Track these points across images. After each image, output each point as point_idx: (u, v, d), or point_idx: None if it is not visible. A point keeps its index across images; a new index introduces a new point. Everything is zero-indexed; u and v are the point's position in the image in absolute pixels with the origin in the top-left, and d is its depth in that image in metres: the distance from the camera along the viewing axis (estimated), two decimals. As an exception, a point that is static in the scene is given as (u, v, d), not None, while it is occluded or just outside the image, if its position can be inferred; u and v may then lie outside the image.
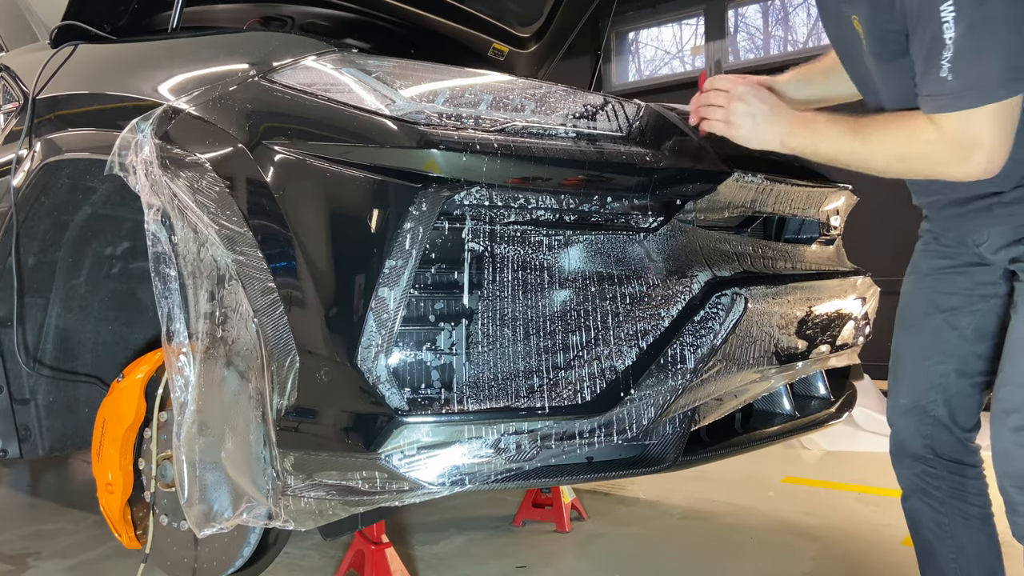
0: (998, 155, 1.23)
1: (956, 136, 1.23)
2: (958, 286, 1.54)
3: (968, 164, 1.24)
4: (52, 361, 2.30)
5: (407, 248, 1.41)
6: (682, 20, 6.93)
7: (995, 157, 1.23)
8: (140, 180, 1.68)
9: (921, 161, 1.29)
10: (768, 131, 1.44)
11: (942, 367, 1.57)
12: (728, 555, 2.48)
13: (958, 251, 1.54)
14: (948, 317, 1.55)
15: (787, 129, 1.42)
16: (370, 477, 1.45)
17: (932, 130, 1.25)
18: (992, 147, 1.22)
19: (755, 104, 1.45)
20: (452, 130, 1.47)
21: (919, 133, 1.27)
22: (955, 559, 1.58)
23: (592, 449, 1.52)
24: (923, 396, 1.59)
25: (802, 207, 2.03)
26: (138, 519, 2.08)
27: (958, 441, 1.58)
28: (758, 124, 1.44)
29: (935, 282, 1.58)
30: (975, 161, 1.23)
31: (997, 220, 1.41)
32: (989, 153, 1.22)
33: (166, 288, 1.70)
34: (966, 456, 1.59)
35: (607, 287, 1.53)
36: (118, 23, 2.17)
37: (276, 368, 1.50)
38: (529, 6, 3.35)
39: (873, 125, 1.34)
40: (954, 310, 1.54)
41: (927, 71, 1.22)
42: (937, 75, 1.20)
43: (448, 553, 2.51)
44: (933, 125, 1.25)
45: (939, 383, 1.57)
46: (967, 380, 1.56)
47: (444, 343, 1.45)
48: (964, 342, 1.54)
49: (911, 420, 1.61)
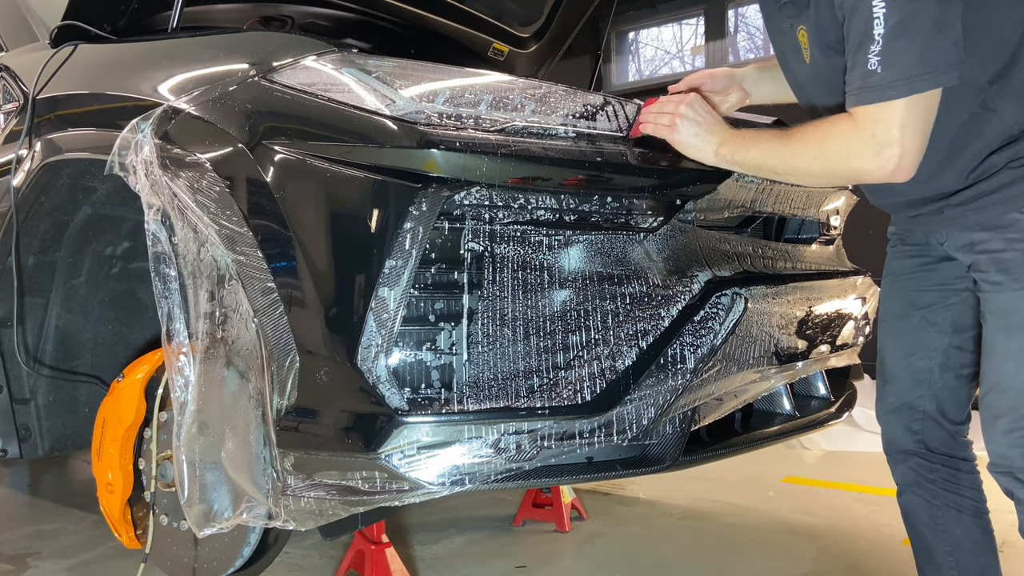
0: (911, 153, 1.26)
1: (870, 129, 1.26)
2: (931, 283, 1.58)
3: (880, 159, 1.26)
4: (52, 361, 2.30)
5: (407, 248, 1.41)
6: (682, 20, 6.92)
7: (908, 155, 1.25)
8: (140, 180, 1.68)
9: (836, 157, 1.32)
10: (706, 139, 1.51)
11: (925, 363, 1.60)
12: (728, 555, 2.48)
13: (925, 249, 1.57)
14: (925, 314, 1.59)
15: (721, 139, 1.50)
16: (370, 477, 1.45)
17: (848, 123, 1.29)
18: (905, 143, 1.24)
19: (702, 115, 1.53)
20: (452, 130, 1.46)
21: (834, 128, 1.31)
22: (950, 552, 1.60)
23: (592, 449, 1.52)
24: (910, 393, 1.62)
25: (802, 207, 2.03)
26: (138, 519, 2.08)
27: (949, 435, 1.61)
28: (699, 132, 1.52)
29: (909, 281, 1.61)
30: (887, 156, 1.25)
31: (949, 222, 1.44)
32: (902, 149, 1.25)
33: (166, 288, 1.70)
34: (958, 450, 1.61)
35: (607, 287, 1.53)
36: (118, 23, 2.17)
37: (276, 368, 1.50)
38: (529, 6, 3.35)
39: (798, 131, 1.39)
40: (930, 307, 1.58)
41: (855, 65, 1.26)
42: (865, 68, 1.24)
43: (448, 553, 2.51)
44: (849, 118, 1.29)
45: (924, 379, 1.60)
46: (951, 373, 1.59)
47: (444, 343, 1.45)
48: (943, 336, 1.58)
49: (900, 417, 1.64)
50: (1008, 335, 1.37)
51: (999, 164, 1.36)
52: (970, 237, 1.42)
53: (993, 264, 1.38)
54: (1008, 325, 1.37)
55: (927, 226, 1.52)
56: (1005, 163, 1.35)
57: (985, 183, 1.37)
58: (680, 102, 1.54)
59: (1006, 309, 1.37)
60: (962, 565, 1.59)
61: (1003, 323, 1.38)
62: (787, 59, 1.57)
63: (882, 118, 1.24)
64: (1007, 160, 1.35)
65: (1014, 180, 1.35)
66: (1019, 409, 1.36)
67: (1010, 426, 1.37)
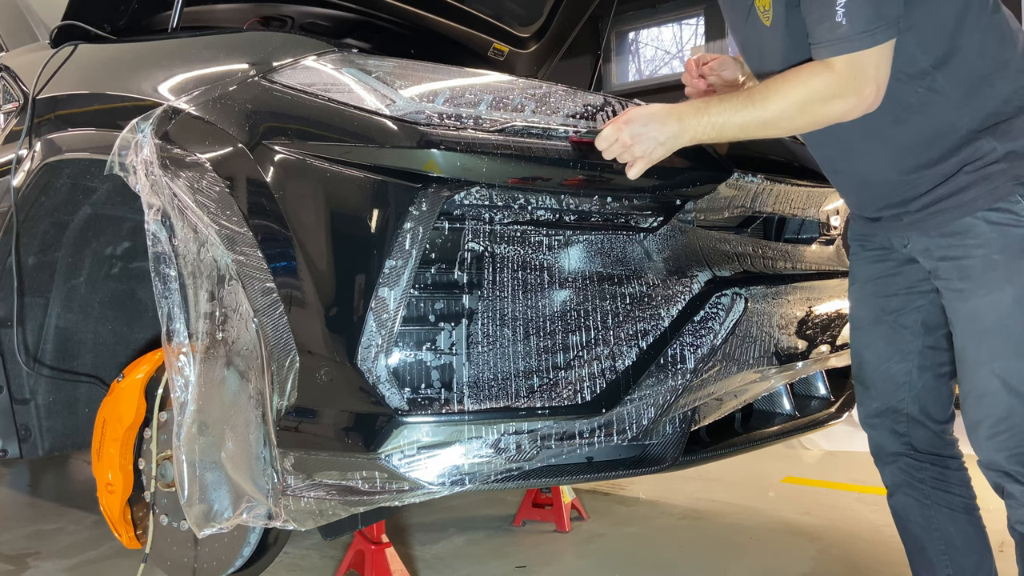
0: (883, 87, 1.34)
1: (851, 74, 1.32)
2: (897, 287, 1.58)
3: (861, 97, 1.33)
4: (52, 361, 2.30)
5: (407, 248, 1.41)
6: (682, 20, 6.93)
7: (881, 89, 1.33)
8: (140, 180, 1.68)
9: (820, 104, 1.35)
10: (670, 133, 1.44)
11: (903, 365, 1.60)
12: (728, 555, 2.48)
13: (888, 253, 1.58)
14: (896, 318, 1.59)
15: (683, 124, 1.43)
16: (370, 477, 1.45)
17: (827, 73, 1.33)
18: (879, 79, 1.32)
19: (642, 120, 1.45)
20: (452, 130, 1.46)
21: (814, 79, 1.34)
22: (944, 551, 1.60)
23: (592, 449, 1.52)
24: (892, 396, 1.62)
25: (802, 207, 2.03)
26: (138, 519, 2.08)
27: (934, 434, 1.62)
28: (659, 136, 1.44)
29: (875, 287, 1.61)
30: (867, 93, 1.33)
31: (908, 228, 1.46)
32: (877, 85, 1.33)
33: (166, 288, 1.70)
34: (944, 448, 1.62)
35: (607, 287, 1.53)
36: (118, 23, 2.17)
37: (276, 368, 1.50)
38: (529, 6, 3.35)
39: (766, 89, 1.39)
40: (899, 310, 1.59)
41: (821, 19, 1.31)
42: (832, 20, 1.30)
43: (448, 553, 2.51)
44: (827, 68, 1.33)
45: (904, 381, 1.61)
46: (930, 373, 1.59)
47: (444, 343, 1.45)
48: (916, 338, 1.58)
49: (885, 421, 1.64)
50: (978, 342, 1.38)
51: (954, 168, 1.37)
52: (928, 243, 1.43)
53: (955, 271, 1.39)
54: (976, 331, 1.38)
55: (890, 231, 1.52)
56: (960, 167, 1.36)
57: (942, 187, 1.38)
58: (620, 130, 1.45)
59: (972, 316, 1.38)
60: (956, 563, 1.59)
61: (971, 329, 1.39)
62: (746, 39, 1.56)
63: (860, 63, 1.31)
64: (961, 164, 1.36)
65: (969, 184, 1.35)
66: (996, 413, 1.37)
67: (991, 431, 1.39)
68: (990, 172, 1.34)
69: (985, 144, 1.35)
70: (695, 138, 1.45)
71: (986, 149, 1.35)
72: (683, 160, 1.60)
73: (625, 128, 1.45)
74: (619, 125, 1.46)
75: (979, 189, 1.34)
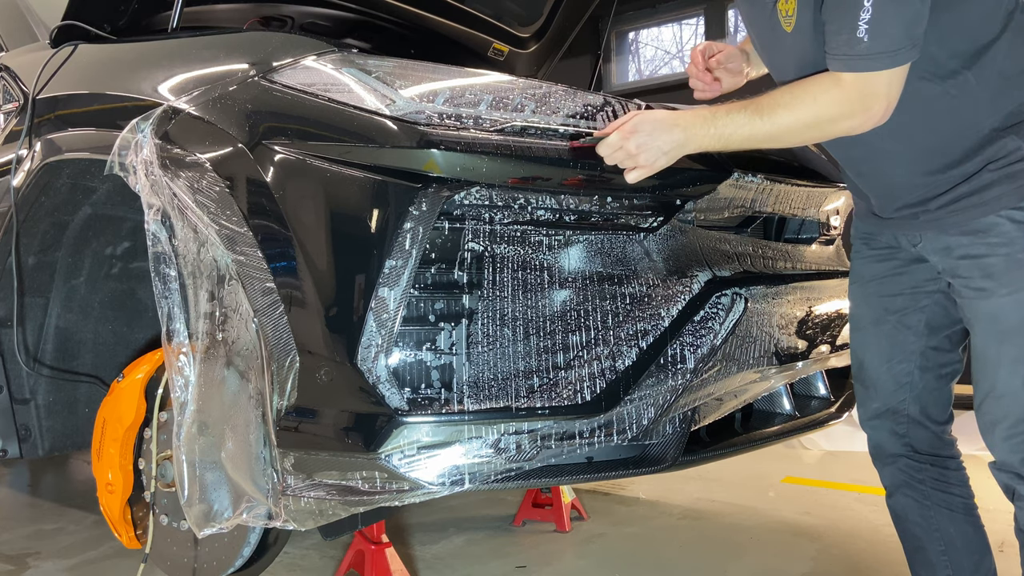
0: (894, 103, 1.32)
1: (860, 91, 1.30)
2: (901, 287, 1.57)
3: (869, 114, 1.32)
4: (52, 361, 2.30)
5: (407, 248, 1.41)
6: (682, 20, 6.92)
7: (892, 105, 1.32)
8: (140, 180, 1.68)
9: (828, 122, 1.34)
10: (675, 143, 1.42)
11: (905, 366, 1.60)
12: (728, 555, 2.48)
13: (894, 252, 1.57)
14: (899, 318, 1.58)
15: (688, 135, 1.42)
16: (370, 477, 1.45)
17: (837, 90, 1.31)
18: (890, 97, 1.31)
19: (648, 130, 1.43)
20: (452, 130, 1.47)
21: (823, 96, 1.32)
22: (944, 551, 1.60)
23: (592, 449, 1.52)
24: (893, 397, 1.62)
25: (802, 207, 2.03)
26: (138, 519, 2.08)
27: (934, 435, 1.62)
28: (663, 146, 1.43)
29: (879, 286, 1.61)
30: (875, 111, 1.31)
31: (924, 226, 1.45)
32: (888, 103, 1.31)
33: (166, 288, 1.70)
34: (943, 449, 1.62)
35: (607, 287, 1.53)
36: (118, 23, 2.17)
37: (276, 368, 1.50)
38: (529, 6, 3.35)
39: (774, 103, 1.37)
40: (903, 310, 1.58)
41: (841, 30, 1.27)
42: (852, 35, 1.26)
43: (448, 553, 2.51)
44: (837, 84, 1.31)
45: (905, 382, 1.60)
46: (931, 374, 1.59)
47: (444, 343, 1.45)
48: (919, 339, 1.58)
49: (886, 422, 1.64)
50: (1000, 342, 1.37)
51: (977, 167, 1.36)
52: (947, 241, 1.41)
53: (977, 270, 1.37)
54: (998, 331, 1.37)
55: (900, 229, 1.51)
56: (983, 165, 1.35)
57: (964, 186, 1.37)
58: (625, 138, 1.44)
59: (994, 315, 1.37)
60: (956, 563, 1.59)
61: (993, 329, 1.37)
62: (764, 38, 1.54)
63: (873, 83, 1.29)
64: (985, 162, 1.35)
65: (993, 182, 1.34)
66: (1015, 414, 1.37)
67: (1008, 432, 1.38)
68: (1014, 171, 1.33)
69: (1010, 143, 1.34)
70: (700, 148, 1.44)
71: (1010, 147, 1.34)
72: (683, 160, 1.60)
73: (632, 138, 1.43)
74: (625, 134, 1.44)
75: (1003, 187, 1.33)
